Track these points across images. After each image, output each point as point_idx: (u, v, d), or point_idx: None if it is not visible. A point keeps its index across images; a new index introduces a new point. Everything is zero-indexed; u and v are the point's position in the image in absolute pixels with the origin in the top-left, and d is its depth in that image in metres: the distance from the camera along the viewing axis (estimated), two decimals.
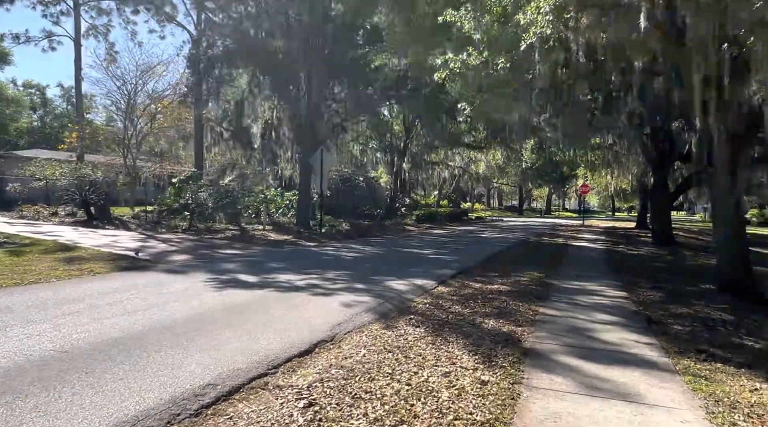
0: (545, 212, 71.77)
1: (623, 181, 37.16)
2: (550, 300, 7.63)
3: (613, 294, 8.35)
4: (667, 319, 6.68)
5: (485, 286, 8.63)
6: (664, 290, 8.97)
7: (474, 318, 6.22)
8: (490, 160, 44.34)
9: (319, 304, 6.63)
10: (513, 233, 24.71)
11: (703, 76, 6.37)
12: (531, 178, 54.44)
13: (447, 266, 11.14)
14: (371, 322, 5.86)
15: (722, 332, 6.13)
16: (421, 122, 27.70)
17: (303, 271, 9.62)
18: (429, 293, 7.87)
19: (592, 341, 5.40)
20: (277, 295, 7.18)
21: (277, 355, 4.45)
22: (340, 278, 8.94)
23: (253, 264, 10.67)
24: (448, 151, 36.19)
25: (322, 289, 7.74)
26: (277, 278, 8.64)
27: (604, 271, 11.44)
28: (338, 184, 26.48)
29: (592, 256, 14.76)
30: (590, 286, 9.11)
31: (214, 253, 13.19)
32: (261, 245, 15.39)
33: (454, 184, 55.00)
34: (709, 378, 4.34)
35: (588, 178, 40.82)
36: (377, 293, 7.56)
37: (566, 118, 13.87)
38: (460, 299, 7.43)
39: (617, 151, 25.18)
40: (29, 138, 57.33)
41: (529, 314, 6.62)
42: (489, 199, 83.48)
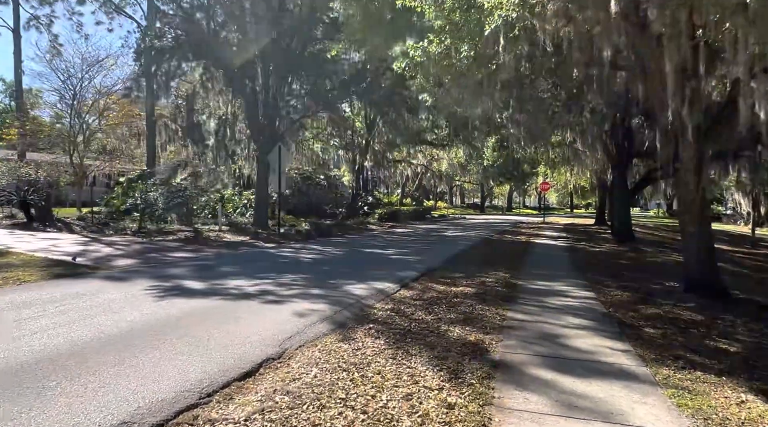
0: (506, 210, 72.66)
1: (582, 178, 37.78)
2: (518, 302, 7.26)
3: (581, 295, 8.06)
4: (638, 321, 6.39)
5: (450, 288, 8.20)
6: (631, 289, 8.76)
7: (439, 326, 5.75)
8: (452, 158, 44.42)
9: (269, 314, 6.02)
10: (476, 230, 24.54)
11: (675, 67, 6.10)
12: (492, 175, 54.84)
13: (410, 267, 10.68)
14: (326, 333, 5.31)
15: (695, 334, 5.87)
16: (382, 119, 27.22)
17: (256, 275, 8.96)
18: (390, 297, 7.37)
19: (566, 349, 5.01)
20: (223, 304, 6.53)
21: (214, 379, 3.84)
22: (295, 282, 8.34)
23: (203, 269, 9.93)
24: (410, 148, 35.88)
25: (275, 296, 7.12)
26: (227, 285, 7.96)
27: (570, 269, 11.22)
28: (298, 183, 25.70)
29: (555, 254, 14.61)
30: (557, 286, 8.81)
31: (163, 257, 12.34)
32: (215, 248, 14.58)
33: (417, 182, 54.90)
34: (691, 390, 3.99)
35: (548, 175, 41.29)
36: (335, 299, 7.00)
37: (529, 114, 13.65)
38: (423, 303, 6.96)
39: (577, 148, 25.39)
40: None
41: (497, 319, 6.21)
42: (452, 197, 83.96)
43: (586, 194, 59.76)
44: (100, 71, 27.91)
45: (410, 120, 27.12)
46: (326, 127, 27.44)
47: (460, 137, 30.90)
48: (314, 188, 25.56)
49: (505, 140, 33.60)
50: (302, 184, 25.52)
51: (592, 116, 12.36)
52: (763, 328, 6.35)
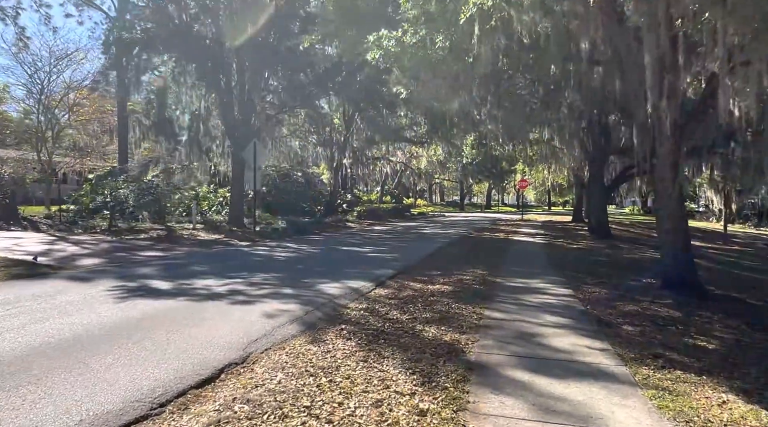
0: (485, 207, 73.01)
1: (560, 175, 38.11)
2: (495, 301, 7.10)
3: (559, 292, 7.95)
4: (616, 318, 6.28)
5: (426, 286, 8.01)
6: (609, 285, 8.70)
7: (413, 326, 5.54)
8: (431, 155, 44.35)
9: (236, 315, 5.74)
10: (455, 228, 24.47)
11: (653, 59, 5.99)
12: (471, 173, 54.99)
13: (386, 265, 10.47)
14: (295, 335, 5.06)
15: (673, 331, 5.78)
16: (360, 116, 26.94)
17: (227, 274, 8.65)
18: (365, 296, 7.15)
19: (543, 349, 4.85)
20: (189, 305, 6.23)
21: (169, 387, 3.57)
22: (267, 281, 8.06)
23: (173, 268, 9.57)
24: (389, 146, 35.67)
25: (245, 296, 6.84)
26: (195, 284, 7.64)
27: (548, 266, 11.14)
28: (275, 180, 25.27)
29: (534, 251, 14.56)
30: (535, 283, 8.70)
31: (132, 256, 11.92)
32: (187, 246, 14.17)
33: (396, 180, 54.77)
34: (672, 391, 3.86)
35: (526, 173, 41.58)
36: (307, 299, 6.75)
37: (506, 110, 13.55)
38: (398, 302, 6.75)
39: (555, 145, 25.50)
40: None
41: (474, 318, 6.03)
42: (431, 194, 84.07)
43: (563, 192, 60.46)
44: (69, 65, 26.95)
45: (389, 117, 26.90)
46: (304, 124, 27.01)
47: (438, 134, 30.78)
48: (292, 185, 25.15)
49: (484, 137, 33.70)
50: (279, 182, 25.09)
51: (569, 112, 12.32)
52: (740, 324, 6.30)
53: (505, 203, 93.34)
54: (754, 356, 5.02)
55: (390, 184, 54.08)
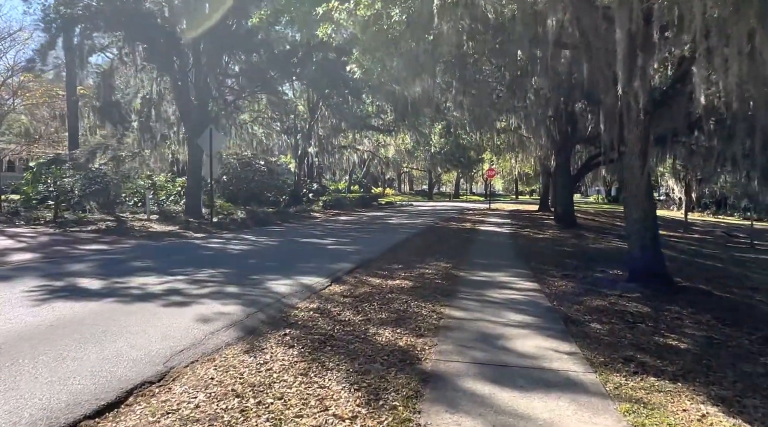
0: (454, 196, 73.14)
1: (527, 165, 38.15)
2: (457, 297, 6.65)
3: (524, 286, 7.57)
4: (584, 315, 5.91)
5: (386, 282, 7.51)
6: (575, 278, 8.39)
7: (366, 328, 5.03)
8: (399, 144, 43.84)
9: (167, 319, 5.11)
10: (421, 218, 24.08)
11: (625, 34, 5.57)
12: (440, 162, 54.77)
13: (346, 258, 9.92)
14: (231, 343, 4.47)
15: (643, 329, 5.43)
16: (325, 103, 26.14)
17: (170, 271, 7.95)
18: (318, 294, 6.59)
19: (507, 354, 4.41)
20: (115, 307, 5.55)
21: (56, 417, 2.94)
22: (213, 278, 7.41)
23: (112, 264, 8.79)
24: (356, 134, 34.97)
25: (183, 296, 6.19)
26: (131, 283, 6.94)
27: (513, 258, 10.81)
28: (236, 168, 24.31)
29: (500, 241, 14.25)
30: (500, 276, 8.30)
31: (72, 250, 11.05)
32: (137, 239, 13.30)
33: (364, 169, 54.13)
34: (647, 403, 3.45)
35: (494, 162, 41.51)
36: (252, 298, 6.15)
37: (473, 97, 13.11)
38: (353, 301, 6.23)
39: (522, 134, 25.33)
40: None
41: (433, 317, 5.56)
42: (400, 184, 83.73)
43: (530, 181, 61.05)
44: (12, 45, 25.27)
45: (354, 104, 26.18)
46: (266, 110, 26.04)
47: (405, 122, 30.27)
48: (253, 174, 24.25)
49: (452, 126, 33.40)
50: (241, 171, 24.15)
51: (536, 99, 11.97)
52: (710, 319, 6.02)
53: (473, 192, 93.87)
54: (727, 355, 4.70)
55: (358, 173, 53.42)
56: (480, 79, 13.50)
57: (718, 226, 32.44)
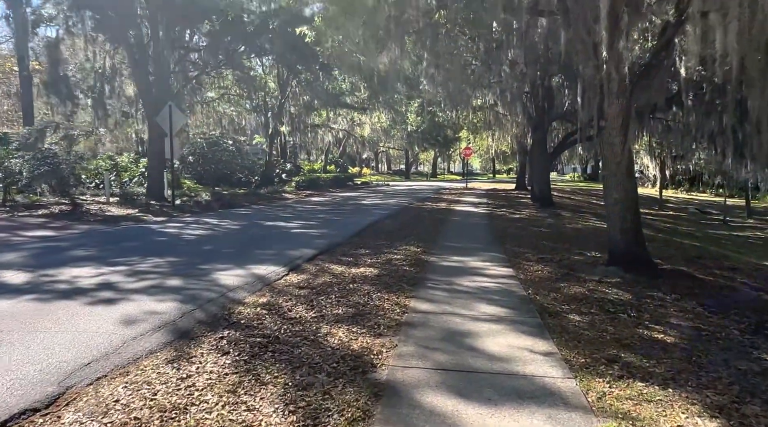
0: (431, 176, 72.68)
1: (503, 143, 37.71)
2: (425, 286, 6.09)
3: (498, 272, 7.04)
4: (561, 305, 5.41)
5: (349, 270, 6.91)
6: (552, 262, 7.90)
7: (318, 328, 4.42)
8: (375, 122, 42.96)
9: (85, 322, 4.42)
10: (396, 198, 23.48)
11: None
12: (417, 141, 54.08)
13: (309, 243, 9.27)
14: (154, 350, 3.82)
15: (626, 321, 4.95)
16: (296, 79, 25.10)
17: (111, 260, 7.21)
18: (271, 286, 5.95)
19: (476, 356, 3.85)
20: (31, 307, 4.83)
21: None
22: (156, 269, 6.70)
23: (50, 253, 7.99)
24: (329, 112, 33.99)
25: (115, 291, 5.48)
26: (60, 276, 6.19)
27: (488, 240, 10.30)
28: (203, 148, 23.26)
29: (474, 222, 13.75)
30: (472, 262, 7.77)
31: (13, 237, 10.19)
32: (89, 224, 12.43)
33: (341, 148, 53.13)
34: (635, 418, 2.93)
35: (471, 141, 40.98)
36: (193, 293, 5.48)
37: (446, 72, 12.42)
38: (309, 293, 5.61)
39: (498, 112, 24.79)
40: None
41: (396, 311, 4.99)
42: (378, 163, 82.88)
43: (507, 159, 60.76)
44: None
45: (326, 80, 25.21)
46: (233, 87, 24.90)
47: (380, 100, 29.46)
48: (221, 154, 23.24)
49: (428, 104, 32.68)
50: (208, 151, 23.11)
51: (511, 72, 11.34)
52: (695, 307, 5.58)
53: (451, 171, 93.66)
54: (718, 350, 4.24)
55: (335, 153, 52.39)
56: (454, 52, 12.81)
57: (691, 202, 32.70)
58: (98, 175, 20.60)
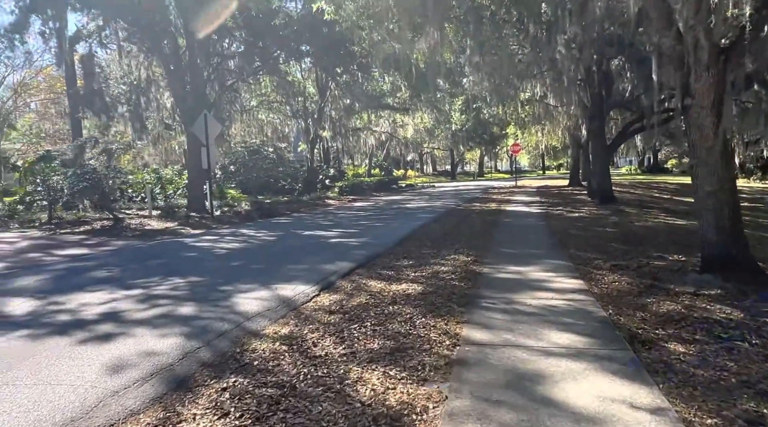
0: (478, 175, 70.93)
1: (554, 137, 35.87)
2: (479, 307, 5.07)
3: (565, 285, 5.92)
4: (655, 329, 4.28)
5: (389, 287, 5.97)
6: (629, 269, 6.70)
7: (347, 372, 3.51)
8: (417, 123, 41.94)
9: (66, 368, 3.65)
10: (442, 200, 22.40)
11: None
12: (462, 140, 52.66)
13: (347, 254, 8.41)
14: (137, 411, 3.00)
15: (748, 351, 3.77)
16: (335, 82, 24.48)
17: (129, 282, 6.57)
18: (297, 311, 5.10)
19: (556, 416, 2.82)
20: (18, 346, 4.15)
21: None
22: (171, 293, 5.98)
23: (71, 274, 7.47)
24: (371, 114, 33.26)
25: (117, 323, 4.76)
26: (68, 304, 5.55)
27: (547, 244, 9.12)
28: (244, 157, 22.97)
29: (530, 224, 12.52)
30: (533, 272, 6.67)
31: (46, 256, 9.86)
32: (126, 239, 12.07)
33: (384, 151, 52.45)
34: None
35: (518, 136, 39.31)
36: (204, 323, 4.68)
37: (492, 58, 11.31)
38: (341, 320, 4.72)
39: (548, 104, 23.31)
40: None
41: (445, 344, 4.01)
42: (422, 165, 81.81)
43: (558, 154, 58.33)
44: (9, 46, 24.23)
45: (365, 81, 24.45)
46: (271, 93, 24.54)
47: (422, 99, 28.45)
48: (262, 162, 22.88)
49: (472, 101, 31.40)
50: (249, 159, 22.80)
51: (566, 52, 10.10)
52: None
53: (498, 170, 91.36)
54: None
55: (379, 156, 51.68)
56: (499, 39, 11.68)
57: (765, 192, 29.84)
58: (144, 188, 20.64)
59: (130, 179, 19.09)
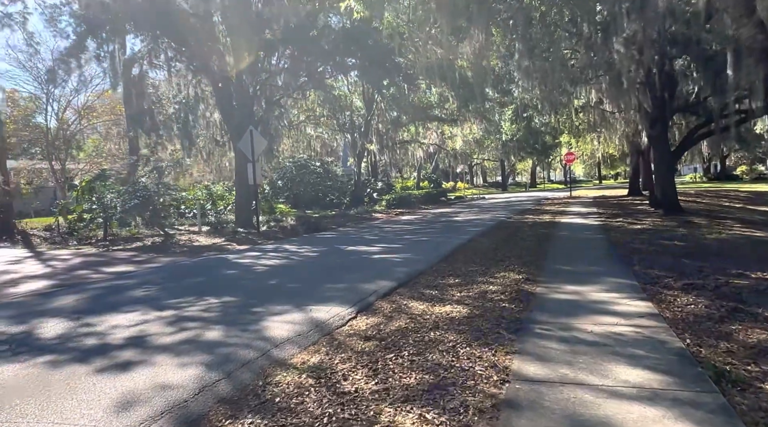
0: (530, 186, 69.11)
1: (610, 145, 34.25)
2: (532, 333, 4.50)
3: (632, 308, 5.24)
4: (745, 364, 3.59)
5: (431, 308, 5.49)
6: (705, 289, 5.90)
7: (377, 412, 3.06)
8: (466, 134, 41.22)
9: (77, 401, 3.38)
10: (492, 212, 21.62)
11: None
12: (512, 151, 51.36)
13: (389, 272, 7.97)
14: None
15: None
16: (380, 94, 24.32)
17: (164, 303, 6.39)
18: (330, 336, 4.70)
19: None
20: (34, 375, 3.94)
21: None
22: (202, 314, 5.72)
23: (109, 294, 7.40)
24: (418, 126, 32.91)
25: (140, 349, 4.50)
26: (98, 326, 5.39)
27: (608, 260, 8.35)
28: (292, 172, 23.09)
29: (587, 237, 11.68)
30: (593, 292, 6.00)
31: (94, 274, 9.95)
32: (173, 256, 12.13)
33: (433, 164, 51.98)
34: None
35: (572, 145, 37.86)
36: (229, 350, 4.35)
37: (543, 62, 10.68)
38: (376, 348, 4.27)
39: (605, 110, 22.18)
40: None
41: (492, 380, 3.49)
42: (472, 176, 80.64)
43: (615, 163, 55.84)
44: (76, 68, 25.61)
45: (411, 93, 24.13)
46: (317, 108, 24.64)
47: (470, 109, 27.84)
48: (309, 176, 22.91)
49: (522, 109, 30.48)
50: (296, 174, 22.88)
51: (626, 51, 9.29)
52: None
53: (551, 180, 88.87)
54: None
55: (427, 168, 51.19)
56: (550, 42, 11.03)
57: None
58: (195, 205, 21.05)
59: (183, 196, 19.48)
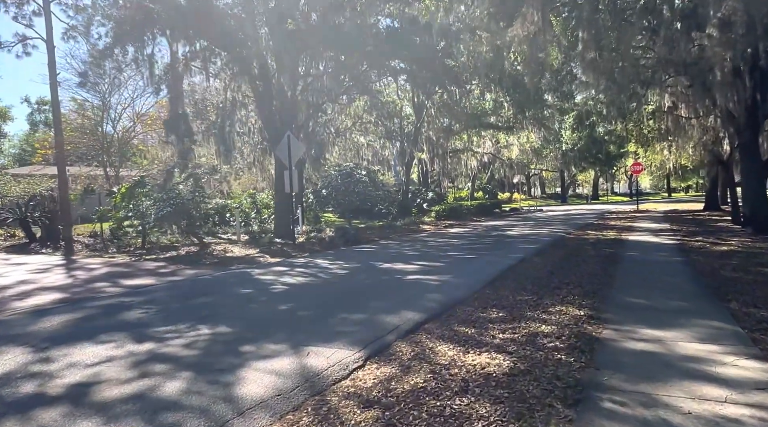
0: (592, 198, 65.56)
1: (683, 154, 31.36)
2: (598, 410, 3.16)
3: (741, 371, 3.76)
4: None
5: (464, 356, 4.24)
6: None
7: None
8: (524, 142, 39.23)
9: None
10: (549, 226, 19.87)
11: None
12: (573, 160, 48.69)
13: (420, 299, 6.74)
14: None
15: None
16: (430, 100, 23.12)
17: (152, 329, 5.48)
18: (321, 397, 3.54)
19: None
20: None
21: None
22: (179, 352, 4.71)
23: (105, 314, 6.60)
24: (471, 134, 31.42)
25: (72, 406, 3.51)
26: (57, 360, 4.51)
27: (695, 292, 6.74)
28: (336, 181, 22.27)
29: (662, 260, 9.95)
30: (681, 340, 4.54)
31: (111, 286, 9.35)
32: (200, 268, 11.43)
33: (488, 173, 50.06)
34: None
35: (639, 155, 35.09)
36: (178, 417, 3.28)
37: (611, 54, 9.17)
38: (376, 421, 3.08)
39: (679, 115, 19.96)
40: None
41: None
42: (530, 187, 77.62)
43: (686, 175, 51.79)
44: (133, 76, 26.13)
45: (464, 98, 22.80)
46: (365, 114, 23.74)
47: (527, 116, 26.16)
48: (355, 186, 22.01)
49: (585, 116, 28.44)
50: (341, 183, 22.05)
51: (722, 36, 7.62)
52: None
53: (615, 192, 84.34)
54: None
55: (482, 178, 49.35)
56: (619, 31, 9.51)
57: None
58: (241, 213, 20.63)
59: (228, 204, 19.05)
